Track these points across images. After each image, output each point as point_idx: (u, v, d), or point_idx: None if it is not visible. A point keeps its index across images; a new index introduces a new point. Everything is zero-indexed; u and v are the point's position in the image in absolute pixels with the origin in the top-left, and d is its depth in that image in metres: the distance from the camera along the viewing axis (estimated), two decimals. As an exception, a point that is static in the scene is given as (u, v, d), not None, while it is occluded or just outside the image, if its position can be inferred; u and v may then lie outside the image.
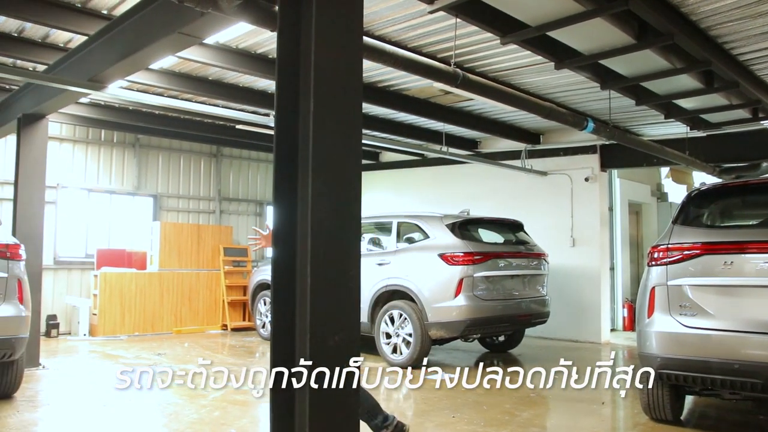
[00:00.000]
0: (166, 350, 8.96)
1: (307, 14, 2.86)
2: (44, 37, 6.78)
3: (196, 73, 7.81)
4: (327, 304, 2.75)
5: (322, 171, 2.74)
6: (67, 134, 10.87)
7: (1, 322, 5.21)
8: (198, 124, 10.60)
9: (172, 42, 4.77)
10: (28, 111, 7.57)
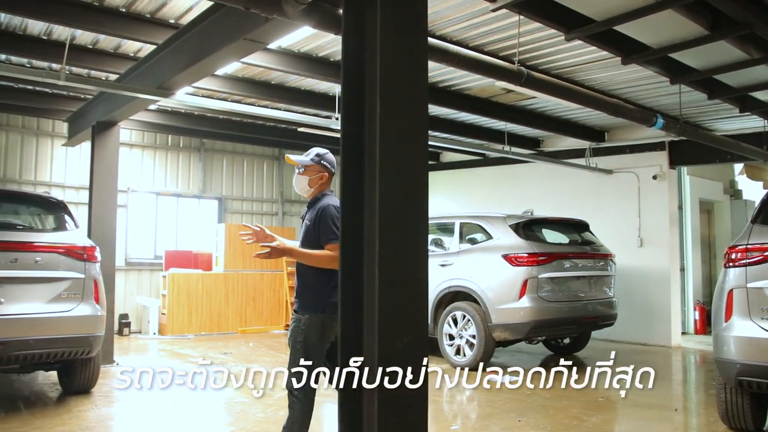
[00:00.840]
0: (232, 349, 9.14)
1: (372, 16, 2.85)
2: (116, 47, 7.03)
3: (259, 77, 7.94)
4: (395, 307, 2.73)
5: (390, 172, 2.72)
6: (137, 140, 11.25)
7: (79, 321, 5.41)
8: (260, 127, 10.80)
9: (238, 48, 4.86)
10: (102, 119, 7.87)
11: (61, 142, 10.41)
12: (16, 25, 6.45)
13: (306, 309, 3.64)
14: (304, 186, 3.84)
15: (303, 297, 3.68)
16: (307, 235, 3.68)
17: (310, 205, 3.84)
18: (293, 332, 3.65)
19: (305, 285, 3.69)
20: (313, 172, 3.81)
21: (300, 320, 3.63)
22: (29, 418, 5.22)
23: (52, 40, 6.76)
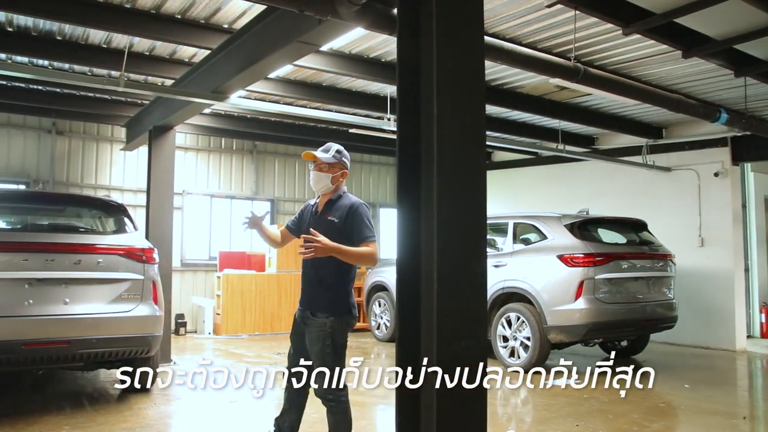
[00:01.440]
0: (285, 350, 9.16)
1: (427, 16, 2.82)
2: (172, 53, 7.18)
3: (310, 79, 8.00)
4: (454, 308, 2.70)
5: (448, 173, 2.69)
6: (191, 143, 11.48)
7: (138, 321, 5.54)
8: (312, 129, 10.87)
9: (291, 51, 4.89)
10: (158, 123, 8.05)
11: (119, 146, 10.71)
12: (78, 35, 6.66)
13: (329, 310, 3.58)
14: (326, 183, 3.73)
15: (324, 297, 3.61)
16: (332, 232, 3.53)
17: (329, 203, 3.74)
18: (319, 337, 3.56)
19: (326, 285, 3.62)
20: (336, 169, 3.76)
21: (325, 323, 3.56)
22: (93, 414, 5.37)
23: (111, 48, 6.96)
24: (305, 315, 3.66)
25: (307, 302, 3.68)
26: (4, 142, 10.01)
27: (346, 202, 3.69)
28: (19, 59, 7.48)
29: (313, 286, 3.65)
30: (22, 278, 5.04)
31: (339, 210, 3.65)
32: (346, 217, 3.60)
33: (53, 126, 10.33)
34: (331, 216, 3.65)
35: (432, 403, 2.66)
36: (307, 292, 3.70)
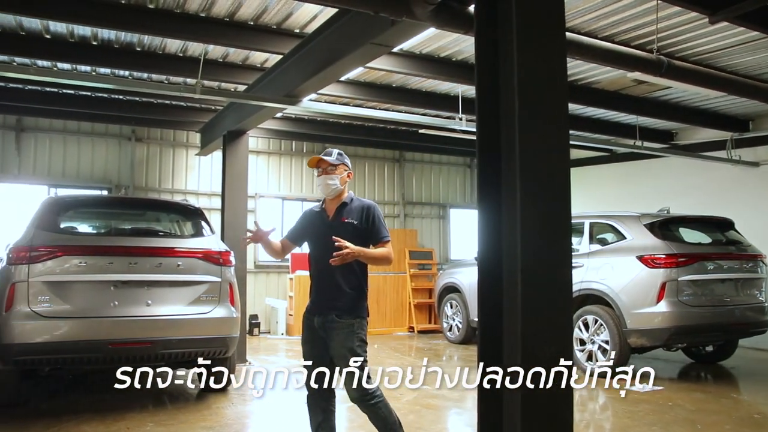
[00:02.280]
0: (357, 351, 9.24)
1: (506, 13, 2.74)
2: (244, 59, 7.32)
3: (380, 81, 7.99)
4: (540, 311, 2.61)
5: (531, 174, 2.61)
6: (263, 147, 11.69)
7: (216, 323, 5.65)
8: (381, 130, 10.89)
9: (364, 53, 4.88)
10: (232, 128, 8.23)
11: (194, 152, 11.02)
12: (156, 45, 6.87)
13: (354, 312, 3.61)
14: (335, 186, 3.75)
15: (350, 300, 3.61)
16: (351, 235, 3.56)
17: (342, 206, 3.73)
18: (349, 337, 3.54)
19: (351, 287, 3.62)
20: (342, 170, 3.80)
21: (353, 324, 3.57)
22: (174, 413, 5.51)
23: (186, 56, 7.15)
24: (328, 320, 3.61)
25: (329, 307, 3.63)
26: (88, 149, 10.47)
27: (360, 205, 3.74)
28: (102, 71, 7.79)
29: (339, 290, 3.62)
30: (108, 281, 5.24)
31: (354, 212, 3.68)
32: (364, 219, 3.65)
33: (133, 133, 10.73)
34: (348, 219, 3.67)
35: (516, 406, 2.59)
36: (329, 297, 3.65)
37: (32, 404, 5.65)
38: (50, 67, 7.58)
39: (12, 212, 9.99)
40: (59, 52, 6.81)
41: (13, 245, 5.23)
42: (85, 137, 10.49)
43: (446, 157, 13.41)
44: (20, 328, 4.95)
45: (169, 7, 5.76)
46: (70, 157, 10.38)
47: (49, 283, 5.08)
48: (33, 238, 5.20)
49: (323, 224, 3.74)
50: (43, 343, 5.01)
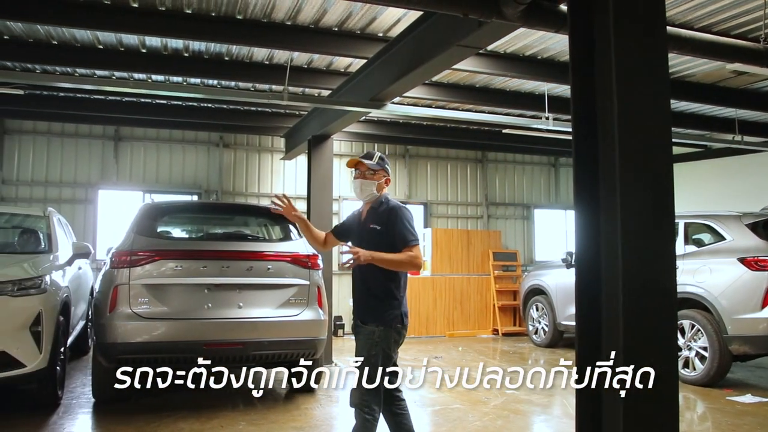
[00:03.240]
0: (442, 354, 9.20)
1: (603, 9, 2.64)
2: (328, 65, 7.42)
3: (463, 81, 7.92)
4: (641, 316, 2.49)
5: (632, 175, 2.51)
6: (345, 150, 11.82)
7: (305, 325, 5.74)
8: (463, 131, 10.81)
9: (451, 55, 4.84)
10: (317, 133, 8.36)
11: (279, 156, 11.28)
12: (243, 55, 7.08)
13: (379, 320, 3.49)
14: (371, 191, 3.66)
15: (374, 306, 3.53)
16: (376, 240, 3.51)
17: (371, 211, 3.67)
18: (366, 345, 3.48)
19: (375, 293, 3.53)
20: (380, 176, 3.70)
21: (374, 332, 3.47)
22: (265, 412, 5.64)
23: (273, 63, 7.33)
24: (356, 324, 3.63)
25: (358, 311, 3.64)
26: (179, 156, 10.91)
27: (386, 208, 3.63)
28: (192, 80, 8.09)
29: (363, 295, 3.60)
30: (202, 284, 5.42)
31: (380, 217, 3.60)
32: (387, 223, 3.54)
33: (220, 140, 11.10)
34: (373, 224, 3.60)
35: (617, 410, 2.49)
36: (358, 301, 3.65)
37: (132, 400, 5.93)
38: (145, 79, 7.95)
39: (112, 216, 10.58)
40: (154, 64, 7.14)
41: (115, 249, 5.49)
42: (176, 144, 10.93)
43: (530, 156, 13.16)
44: (122, 328, 5.20)
45: (256, 17, 5.91)
46: (162, 163, 10.85)
47: (148, 286, 5.30)
48: (133, 242, 5.45)
49: (357, 227, 3.76)
50: (143, 343, 5.23)
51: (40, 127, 10.37)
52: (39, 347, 4.98)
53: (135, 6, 5.73)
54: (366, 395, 3.44)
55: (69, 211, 9.98)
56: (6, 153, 10.18)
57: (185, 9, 5.78)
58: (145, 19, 5.76)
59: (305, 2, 5.54)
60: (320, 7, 5.65)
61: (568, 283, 9.17)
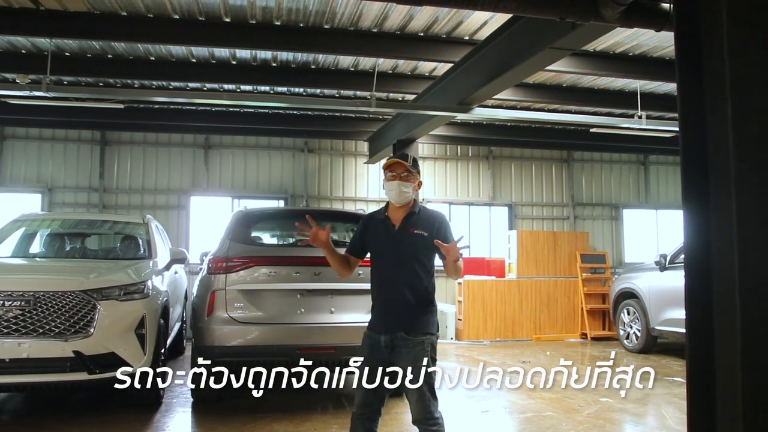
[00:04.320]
0: (530, 358, 9.03)
1: (712, 4, 2.52)
2: (413, 69, 7.44)
3: (549, 81, 7.77)
4: (762, 323, 2.33)
5: (751, 180, 2.37)
6: (428, 153, 11.82)
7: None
8: (548, 131, 10.61)
9: (542, 58, 4.75)
10: (402, 137, 8.40)
11: (363, 160, 11.40)
12: (329, 63, 7.21)
13: (425, 329, 3.38)
14: (408, 193, 3.44)
15: (419, 315, 3.39)
16: (421, 246, 3.38)
17: (410, 215, 3.46)
18: (420, 356, 3.30)
19: (420, 301, 3.39)
20: (414, 178, 3.50)
21: (424, 342, 3.33)
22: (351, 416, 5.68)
23: (358, 70, 7.42)
24: (396, 337, 3.36)
25: (398, 323, 3.38)
26: (265, 162, 11.21)
27: (430, 215, 3.51)
28: (279, 89, 8.30)
29: (408, 304, 3.38)
30: (295, 289, 5.54)
31: (424, 223, 3.43)
32: (437, 230, 3.40)
33: (305, 145, 11.33)
34: (418, 230, 3.42)
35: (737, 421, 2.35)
36: (398, 312, 3.40)
37: (228, 401, 6.12)
38: (234, 89, 8.22)
39: (203, 221, 11.01)
40: (243, 75, 7.38)
41: (212, 256, 5.69)
42: (263, 151, 11.25)
43: (617, 155, 12.73)
44: (219, 332, 5.38)
45: (343, 26, 6.00)
46: (249, 170, 11.18)
47: (243, 291, 5.47)
48: (228, 249, 5.63)
49: (389, 235, 3.49)
50: (239, 346, 5.40)
51: (137, 138, 10.90)
52: (143, 349, 5.24)
53: (227, 21, 5.94)
54: (430, 406, 3.34)
55: (163, 217, 10.43)
56: (107, 163, 10.76)
57: (275, 21, 5.94)
58: (237, 33, 5.96)
59: (392, 9, 5.58)
60: (407, 14, 5.68)
61: (663, 286, 8.83)
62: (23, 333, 4.82)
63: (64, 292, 5.00)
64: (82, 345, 4.93)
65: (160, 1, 5.64)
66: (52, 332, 4.88)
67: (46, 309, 4.92)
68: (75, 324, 4.97)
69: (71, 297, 5.00)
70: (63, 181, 10.71)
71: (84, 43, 6.76)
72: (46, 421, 5.31)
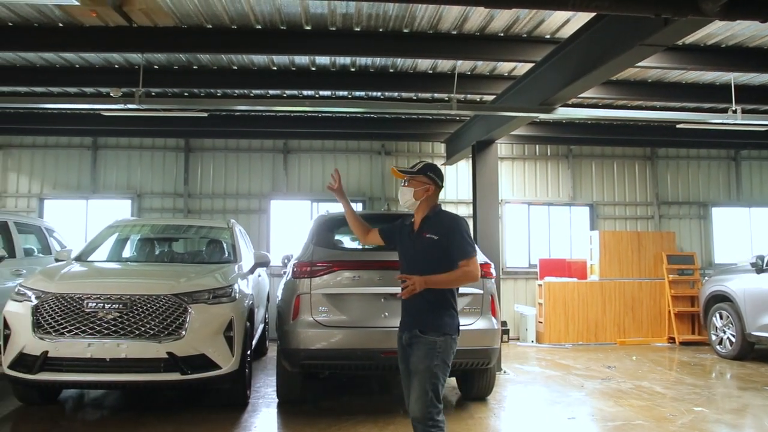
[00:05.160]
0: (615, 363, 8.76)
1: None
2: (492, 70, 7.36)
3: (634, 78, 7.51)
4: None
5: None
6: (506, 153, 11.66)
7: (479, 334, 5.67)
8: (631, 128, 10.29)
9: (632, 55, 4.58)
10: (481, 138, 8.31)
11: (440, 161, 11.34)
12: (408, 66, 7.22)
13: (440, 329, 3.46)
14: (408, 198, 3.65)
15: (433, 314, 3.49)
16: (432, 249, 3.50)
17: (426, 219, 3.61)
18: (428, 354, 3.40)
19: (434, 301, 3.50)
20: (419, 183, 3.63)
21: (435, 342, 3.42)
22: (439, 420, 5.65)
23: (436, 73, 7.40)
24: (413, 335, 3.52)
25: (414, 322, 3.54)
26: (343, 165, 11.36)
27: (443, 218, 3.62)
28: (356, 93, 8.37)
29: (422, 304, 3.52)
30: (378, 293, 5.56)
31: (437, 226, 3.55)
32: (447, 233, 3.49)
33: (382, 147, 11.40)
34: (429, 233, 3.53)
35: None
36: (414, 312, 3.56)
37: (312, 402, 6.22)
38: (313, 95, 8.35)
39: (283, 225, 11.25)
40: (322, 81, 7.50)
41: (296, 260, 5.79)
42: (340, 154, 11.39)
43: (706, 150, 12.16)
44: (304, 335, 5.46)
45: (422, 29, 5.99)
46: (328, 173, 11.29)
47: (327, 295, 5.53)
48: (312, 254, 5.71)
49: (408, 237, 3.71)
50: (324, 350, 5.47)
51: (218, 144, 11.27)
52: (231, 351, 5.39)
53: (308, 29, 6.03)
54: (430, 407, 3.35)
55: (245, 221, 10.72)
56: (191, 169, 11.16)
57: (354, 27, 5.99)
58: (317, 40, 6.06)
59: (472, 11, 5.52)
60: (487, 14, 5.61)
61: (760, 289, 8.40)
62: (121, 334, 5.06)
63: (157, 296, 5.21)
64: (175, 347, 5.13)
65: (244, 13, 5.79)
66: (147, 334, 5.10)
67: (142, 312, 5.14)
68: (168, 326, 5.17)
69: (164, 300, 5.21)
70: (151, 187, 11.19)
71: (171, 56, 7.04)
72: (140, 419, 5.54)
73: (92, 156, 11.16)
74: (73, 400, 6.26)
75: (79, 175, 11.15)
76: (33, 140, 11.19)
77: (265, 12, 5.76)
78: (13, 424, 5.45)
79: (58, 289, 5.26)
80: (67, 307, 5.12)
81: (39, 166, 11.17)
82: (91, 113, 9.48)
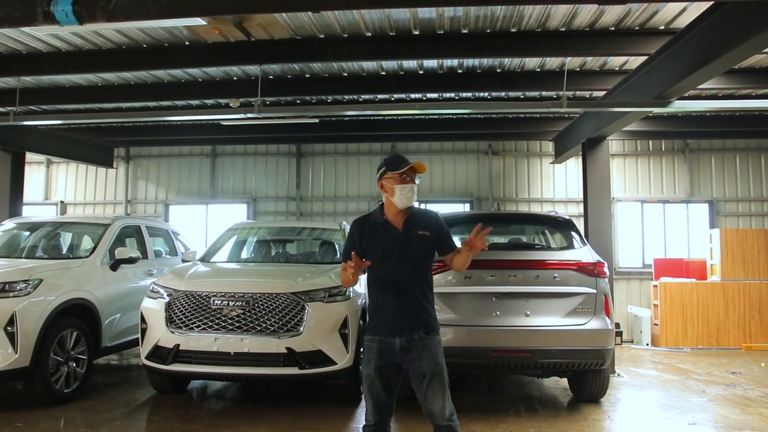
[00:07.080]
0: (740, 369, 8.28)
1: None
2: (602, 65, 7.21)
3: (759, 64, 7.07)
4: None
5: None
6: (617, 150, 11.31)
7: (592, 334, 5.59)
8: (754, 118, 9.83)
9: (757, 43, 4.36)
10: (591, 135, 8.14)
11: (547, 160, 11.20)
12: (515, 65, 7.21)
13: (437, 328, 3.50)
14: (413, 196, 3.52)
15: (432, 315, 3.50)
16: (425, 246, 3.50)
17: (411, 217, 3.51)
18: (438, 354, 3.41)
19: (429, 302, 3.52)
20: None
21: (440, 341, 3.47)
22: (550, 420, 5.59)
23: (543, 70, 7.34)
24: (414, 339, 3.38)
25: (414, 325, 3.41)
26: (450, 166, 11.43)
27: (427, 214, 3.67)
28: (463, 94, 8.42)
29: (421, 306, 3.47)
30: (489, 292, 5.60)
31: (425, 223, 3.54)
32: (437, 229, 3.54)
33: (489, 147, 11.39)
34: (421, 230, 3.50)
35: None
36: (413, 314, 3.43)
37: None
38: (420, 97, 8.48)
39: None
40: (430, 84, 7.62)
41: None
42: (447, 155, 11.48)
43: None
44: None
45: (530, 28, 5.97)
46: (434, 174, 11.46)
47: (439, 294, 5.54)
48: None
49: (392, 238, 3.47)
50: (438, 348, 5.56)
51: (328, 149, 11.69)
52: (346, 347, 5.61)
53: (416, 33, 6.16)
54: (450, 404, 3.38)
55: (354, 223, 10.99)
56: (302, 173, 11.62)
57: (462, 29, 6.07)
58: (425, 45, 6.18)
59: (581, 7, 5.45)
60: (597, 9, 5.51)
61: None
62: (244, 330, 5.41)
63: (277, 294, 5.52)
64: (294, 342, 5.41)
65: (354, 22, 6.00)
66: (267, 330, 5.41)
67: (262, 309, 5.46)
68: (287, 323, 5.45)
69: (283, 299, 5.50)
70: (265, 192, 11.76)
71: (286, 66, 7.38)
72: (259, 410, 5.86)
73: (211, 163, 11.87)
74: (197, 391, 6.71)
75: (200, 181, 11.91)
76: (159, 150, 12.09)
77: (375, 20, 5.94)
78: (151, 408, 6.02)
79: (187, 287, 5.69)
80: (195, 304, 5.53)
81: (164, 175, 12.03)
82: (210, 123, 10.10)
